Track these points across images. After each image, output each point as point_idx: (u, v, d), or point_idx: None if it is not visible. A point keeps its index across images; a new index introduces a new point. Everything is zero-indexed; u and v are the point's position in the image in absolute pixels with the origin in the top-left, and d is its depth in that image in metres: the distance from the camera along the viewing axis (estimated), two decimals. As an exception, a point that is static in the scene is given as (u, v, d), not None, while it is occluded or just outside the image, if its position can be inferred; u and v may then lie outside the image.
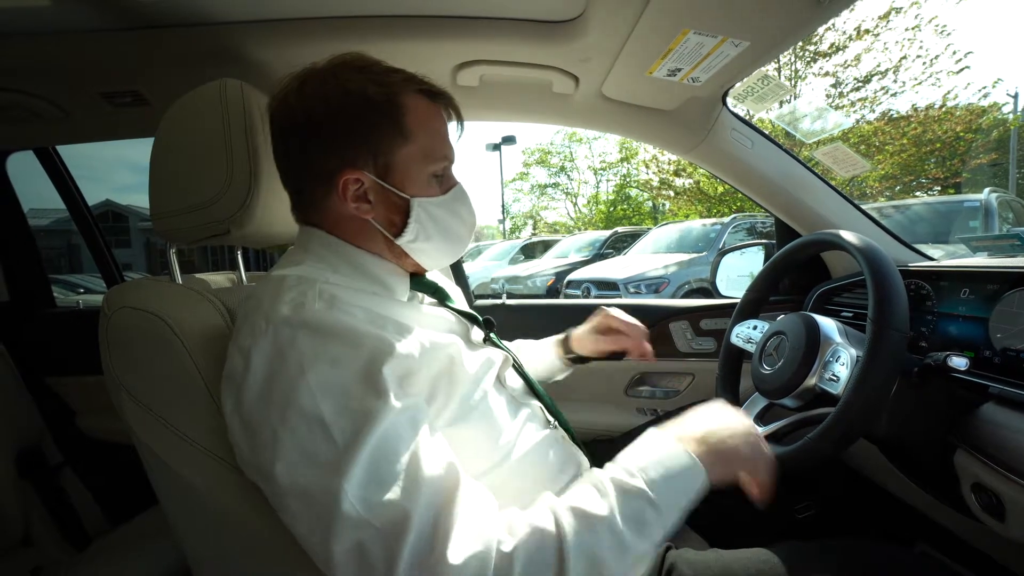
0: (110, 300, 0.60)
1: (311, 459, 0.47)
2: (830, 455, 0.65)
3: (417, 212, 0.63)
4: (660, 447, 0.56)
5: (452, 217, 0.66)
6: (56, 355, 1.38)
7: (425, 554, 0.45)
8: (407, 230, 0.63)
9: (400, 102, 0.61)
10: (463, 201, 0.68)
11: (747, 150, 1.13)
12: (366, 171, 0.60)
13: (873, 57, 14.00)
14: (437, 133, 0.64)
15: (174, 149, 0.67)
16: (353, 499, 0.45)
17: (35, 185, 2.02)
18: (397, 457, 0.48)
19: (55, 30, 0.84)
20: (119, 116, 1.08)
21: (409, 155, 0.61)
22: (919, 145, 9.67)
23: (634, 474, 0.53)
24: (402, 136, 0.61)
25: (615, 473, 0.54)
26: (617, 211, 20.20)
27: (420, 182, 0.63)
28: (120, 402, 0.60)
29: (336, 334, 0.51)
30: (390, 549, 0.44)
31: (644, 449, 0.57)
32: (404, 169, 0.62)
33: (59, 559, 1.16)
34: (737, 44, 0.78)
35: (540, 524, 0.48)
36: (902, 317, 0.63)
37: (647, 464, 0.54)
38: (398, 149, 0.61)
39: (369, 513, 0.45)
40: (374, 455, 0.47)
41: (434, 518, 0.46)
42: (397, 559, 0.44)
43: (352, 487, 0.45)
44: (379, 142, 0.60)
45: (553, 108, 1.12)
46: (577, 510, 0.50)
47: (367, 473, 0.46)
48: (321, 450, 0.47)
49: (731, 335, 0.96)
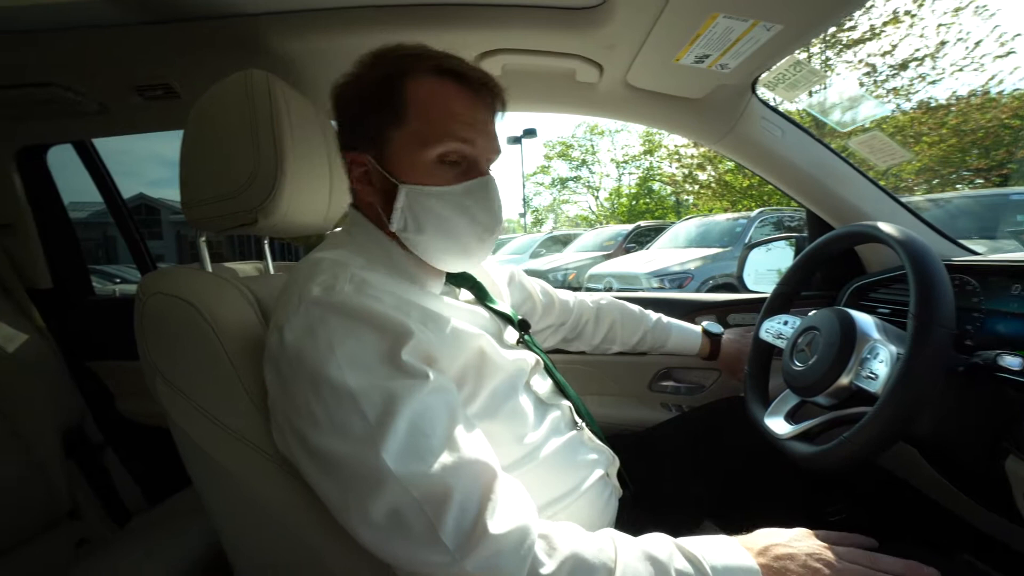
0: (144, 287, 0.62)
1: (344, 431, 0.48)
2: (867, 456, 0.62)
3: (402, 199, 0.60)
4: (724, 544, 0.53)
5: (455, 212, 0.60)
6: (95, 340, 1.43)
7: (469, 525, 0.46)
8: (392, 217, 0.61)
9: (397, 83, 0.59)
10: (477, 197, 0.61)
11: (777, 139, 1.09)
12: (368, 155, 0.61)
13: (909, 43, 13.42)
14: (443, 112, 0.59)
15: (203, 139, 0.68)
16: (391, 469, 0.46)
17: (74, 180, 2.10)
18: (433, 433, 0.49)
19: (91, 25, 0.87)
20: (152, 109, 1.11)
21: (403, 138, 0.60)
22: (960, 135, 9.21)
23: (696, 552, 0.51)
24: (396, 118, 0.59)
25: (680, 542, 0.52)
26: (639, 205, 19.94)
27: (417, 167, 0.60)
28: (155, 385, 0.62)
29: (362, 317, 0.52)
30: (431, 518, 0.45)
31: (708, 541, 0.54)
32: (399, 154, 0.60)
33: (103, 533, 1.22)
34: (769, 28, 0.74)
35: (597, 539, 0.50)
36: (948, 312, 0.60)
37: (708, 552, 0.51)
38: (392, 132, 0.60)
39: (408, 483, 0.46)
40: (410, 430, 0.48)
41: (478, 494, 0.47)
42: (439, 527, 0.45)
43: (390, 457, 0.46)
44: (375, 125, 0.61)
45: (576, 98, 1.10)
46: (638, 546, 0.50)
47: (404, 446, 0.47)
48: (354, 423, 0.48)
49: (760, 330, 0.93)
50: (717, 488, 0.88)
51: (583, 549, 0.48)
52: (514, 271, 0.99)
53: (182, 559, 0.84)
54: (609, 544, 0.50)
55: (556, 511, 0.63)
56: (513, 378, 0.65)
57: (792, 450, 0.72)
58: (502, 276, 0.90)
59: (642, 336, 1.08)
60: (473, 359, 0.61)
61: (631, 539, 0.52)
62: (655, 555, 0.49)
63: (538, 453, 0.64)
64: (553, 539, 0.48)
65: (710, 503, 0.87)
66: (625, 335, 1.08)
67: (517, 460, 0.62)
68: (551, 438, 0.67)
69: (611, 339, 1.09)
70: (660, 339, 1.09)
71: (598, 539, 0.50)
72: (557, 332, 1.07)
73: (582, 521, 0.65)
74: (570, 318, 1.05)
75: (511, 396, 0.64)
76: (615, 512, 0.74)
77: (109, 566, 0.82)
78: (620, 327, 1.08)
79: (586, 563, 0.47)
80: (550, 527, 0.50)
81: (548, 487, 0.64)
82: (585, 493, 0.67)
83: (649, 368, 1.27)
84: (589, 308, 1.08)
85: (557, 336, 1.08)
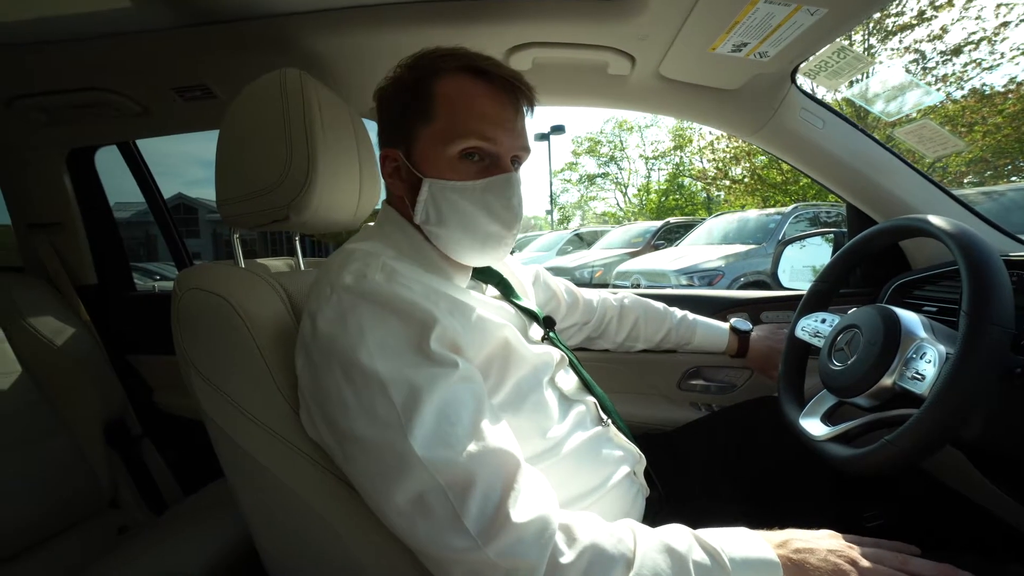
0: (180, 282, 0.64)
1: (373, 416, 0.49)
2: (911, 460, 0.59)
3: (425, 193, 0.63)
4: (744, 536, 0.52)
5: (476, 208, 0.62)
6: (135, 335, 1.50)
7: (491, 512, 0.47)
8: (416, 209, 0.64)
9: (428, 83, 0.62)
10: (498, 193, 0.62)
11: (818, 131, 1.05)
12: (399, 151, 0.64)
13: (963, 27, 12.67)
14: (468, 110, 0.61)
15: (237, 138, 0.69)
16: (418, 454, 0.47)
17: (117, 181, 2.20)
18: (459, 421, 0.50)
19: (130, 30, 0.90)
20: (190, 110, 1.15)
21: (430, 135, 0.62)
22: (1017, 124, 8.65)
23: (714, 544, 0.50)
24: (425, 116, 0.62)
25: (699, 533, 0.52)
26: (669, 201, 19.56)
27: (441, 162, 0.62)
28: (189, 378, 0.64)
29: (392, 305, 0.54)
30: (454, 504, 0.46)
31: (728, 533, 0.53)
32: (425, 149, 0.63)
33: (141, 522, 1.27)
34: (813, 12, 0.71)
35: (616, 529, 0.50)
36: (1005, 311, 0.56)
37: (728, 544, 0.51)
38: (421, 129, 0.63)
39: (434, 469, 0.47)
40: (438, 416, 0.49)
41: (502, 482, 0.48)
42: (462, 513, 0.46)
43: (417, 444, 0.47)
44: (405, 122, 0.63)
45: (608, 91, 1.08)
46: (656, 537, 0.50)
47: (431, 432, 0.48)
48: (383, 409, 0.49)
49: (796, 328, 0.89)
50: (748, 490, 0.86)
51: (602, 539, 0.48)
52: (539, 271, 1.00)
53: (217, 549, 0.87)
54: (628, 535, 0.50)
55: (580, 508, 0.63)
56: (538, 372, 0.66)
57: (829, 452, 0.70)
58: (527, 276, 0.91)
59: (666, 333, 1.07)
60: (498, 350, 0.61)
61: (650, 530, 0.52)
62: (674, 546, 0.49)
63: (561, 448, 0.64)
64: (573, 529, 0.49)
65: (740, 505, 0.84)
66: (649, 332, 1.07)
67: (540, 453, 0.62)
68: (575, 433, 0.67)
69: (635, 336, 1.08)
70: (685, 336, 1.07)
71: (618, 529, 0.50)
72: (582, 330, 1.07)
73: (607, 519, 0.65)
74: (594, 317, 1.05)
75: (535, 390, 0.64)
76: (642, 511, 0.73)
77: (148, 555, 0.85)
78: (644, 324, 1.07)
79: (605, 553, 0.47)
80: (571, 517, 0.50)
81: (572, 482, 0.63)
82: (611, 491, 0.66)
83: (678, 366, 1.25)
84: (612, 306, 1.08)
85: (582, 334, 1.08)
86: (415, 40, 0.69)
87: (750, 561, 0.49)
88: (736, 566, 0.48)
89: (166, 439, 1.47)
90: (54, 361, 1.23)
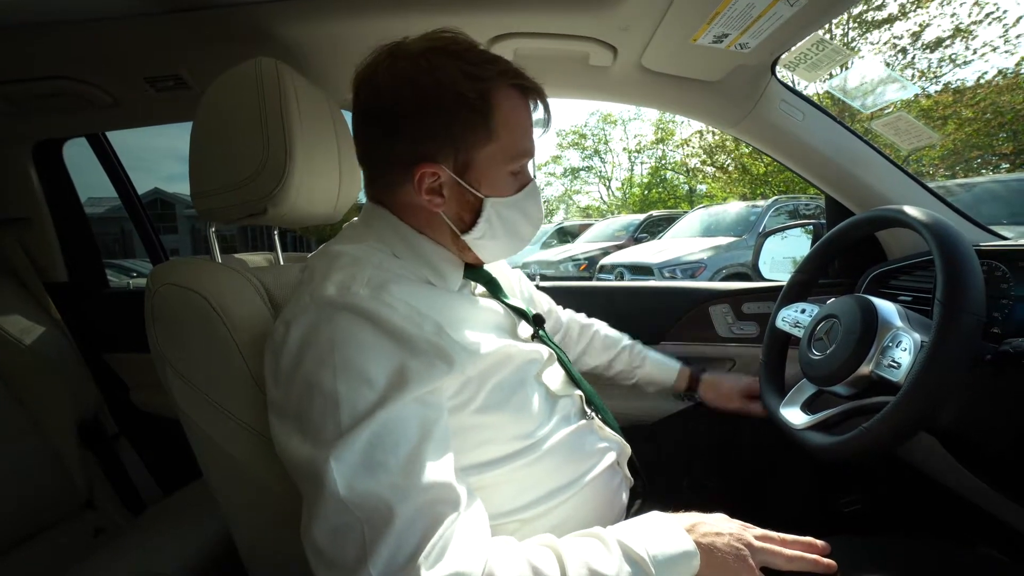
0: (154, 277, 0.62)
1: (317, 435, 0.47)
2: (887, 446, 0.60)
3: (488, 212, 0.62)
4: (663, 530, 0.53)
5: (521, 216, 0.65)
6: (110, 333, 1.45)
7: (402, 560, 0.42)
8: (476, 228, 0.63)
9: (491, 100, 0.58)
10: (534, 199, 0.66)
11: (797, 123, 1.06)
12: (445, 166, 0.59)
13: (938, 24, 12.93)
14: (522, 129, 0.63)
15: (212, 129, 0.67)
16: (340, 481, 0.44)
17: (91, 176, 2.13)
18: (394, 450, 0.46)
19: (100, 16, 0.86)
20: (163, 100, 1.11)
21: (491, 154, 0.60)
22: (986, 119, 8.90)
23: (639, 550, 0.50)
24: (487, 135, 0.59)
25: (620, 535, 0.51)
26: (652, 194, 19.74)
27: (497, 181, 0.62)
28: (165, 376, 0.62)
29: (372, 321, 0.52)
30: (365, 543, 0.43)
31: (648, 530, 0.53)
32: (483, 168, 0.61)
33: (118, 523, 1.24)
34: (793, 3, 0.72)
35: (542, 567, 0.47)
36: (977, 299, 0.57)
37: (651, 544, 0.51)
38: (481, 148, 0.60)
39: (352, 500, 0.44)
40: (371, 441, 0.46)
41: (422, 527, 0.44)
42: (370, 556, 0.42)
43: (342, 468, 0.45)
44: (463, 139, 0.59)
45: (589, 82, 1.08)
46: (582, 561, 0.48)
47: (359, 459, 0.45)
48: (328, 428, 0.47)
49: (776, 319, 0.91)
50: (730, 478, 0.87)
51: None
52: (520, 275, 0.98)
53: (196, 548, 0.86)
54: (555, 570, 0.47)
55: (560, 501, 0.63)
56: (526, 369, 0.65)
57: (808, 440, 0.71)
58: (514, 276, 0.90)
59: (614, 357, 1.04)
60: (490, 352, 0.60)
61: (575, 556, 0.49)
62: (600, 571, 0.47)
63: (542, 445, 0.63)
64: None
65: (723, 493, 0.86)
66: (595, 353, 1.04)
67: (520, 450, 0.61)
68: (559, 428, 0.67)
69: (587, 353, 1.05)
70: (635, 360, 1.04)
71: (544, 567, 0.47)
72: None
73: (588, 510, 0.65)
74: (561, 328, 1.04)
75: (522, 388, 0.64)
76: (625, 502, 0.74)
77: (126, 556, 0.83)
78: (599, 344, 1.04)
79: None
80: (497, 564, 0.46)
81: (551, 476, 0.63)
82: (591, 482, 0.66)
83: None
84: (576, 322, 1.06)
85: None
86: (395, 29, 0.67)
87: (672, 557, 0.50)
88: (659, 567, 0.48)
89: (144, 438, 1.44)
90: (23, 361, 1.19)
